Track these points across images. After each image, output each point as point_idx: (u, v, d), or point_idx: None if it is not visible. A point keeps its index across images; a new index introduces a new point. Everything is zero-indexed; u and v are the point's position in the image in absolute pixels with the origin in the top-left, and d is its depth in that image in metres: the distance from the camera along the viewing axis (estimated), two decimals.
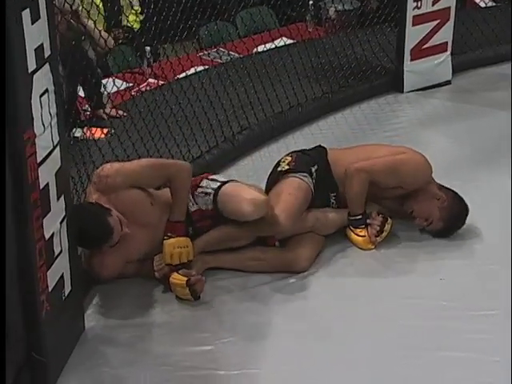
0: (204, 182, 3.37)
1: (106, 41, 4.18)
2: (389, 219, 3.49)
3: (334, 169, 3.54)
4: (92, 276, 3.19)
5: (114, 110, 4.30)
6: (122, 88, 4.20)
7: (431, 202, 3.49)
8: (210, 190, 3.33)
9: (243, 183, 3.42)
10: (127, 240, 3.15)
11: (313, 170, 3.49)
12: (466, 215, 3.54)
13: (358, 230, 3.48)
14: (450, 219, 3.50)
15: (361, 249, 3.48)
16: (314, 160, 3.53)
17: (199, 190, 3.35)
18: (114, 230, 3.05)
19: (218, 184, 3.34)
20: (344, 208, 3.52)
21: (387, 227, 3.48)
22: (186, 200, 3.29)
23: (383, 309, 3.14)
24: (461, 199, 3.54)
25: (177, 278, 3.18)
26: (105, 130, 4.01)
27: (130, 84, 4.42)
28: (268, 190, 3.48)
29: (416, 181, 3.52)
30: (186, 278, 3.16)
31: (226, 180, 3.39)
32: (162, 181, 3.29)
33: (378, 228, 3.46)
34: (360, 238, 3.48)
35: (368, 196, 3.48)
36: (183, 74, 4.48)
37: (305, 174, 3.45)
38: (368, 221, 3.47)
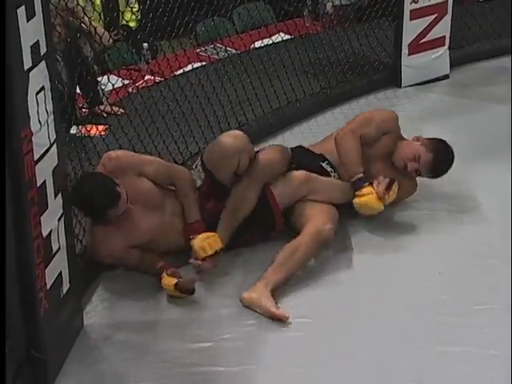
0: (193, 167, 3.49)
1: (100, 37, 4.17)
2: (395, 181, 3.48)
3: (316, 149, 3.69)
4: (92, 257, 3.20)
5: (111, 106, 4.29)
6: (120, 85, 4.19)
7: (411, 143, 3.64)
8: (196, 162, 3.45)
9: None
10: (130, 220, 3.18)
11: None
12: (451, 149, 3.63)
13: (364, 190, 3.43)
14: (436, 148, 3.59)
15: (371, 213, 3.45)
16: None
17: (192, 171, 3.44)
18: (120, 196, 3.08)
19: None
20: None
21: (394, 187, 3.46)
22: (194, 201, 3.34)
23: (382, 303, 3.14)
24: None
25: (166, 281, 3.17)
26: (102, 127, 3.99)
27: (128, 81, 4.42)
28: None
29: (392, 119, 3.74)
30: (174, 281, 3.15)
31: None
32: (166, 179, 3.35)
33: (386, 185, 3.44)
34: (367, 197, 3.42)
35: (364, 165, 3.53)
36: (180, 71, 4.48)
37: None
38: (374, 184, 3.45)
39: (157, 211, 3.29)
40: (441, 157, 3.60)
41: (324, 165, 3.62)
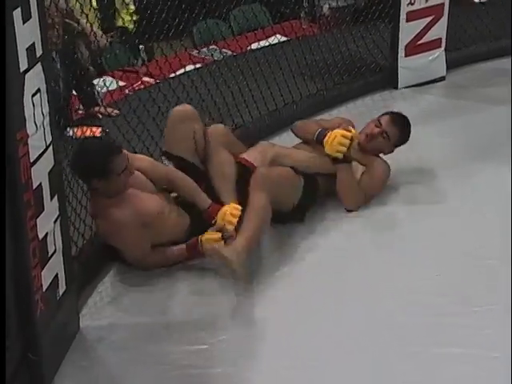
0: None
1: (98, 39, 4.17)
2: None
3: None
4: (106, 239, 3.25)
5: (107, 108, 4.29)
6: (116, 87, 4.19)
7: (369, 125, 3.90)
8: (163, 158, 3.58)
9: None
10: (135, 197, 3.22)
11: None
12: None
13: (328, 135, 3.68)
14: (394, 117, 3.93)
15: (340, 150, 3.67)
16: None
17: None
18: (122, 150, 3.16)
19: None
20: None
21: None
22: (197, 189, 3.40)
23: (380, 305, 3.14)
24: None
25: (210, 236, 3.28)
26: (97, 129, 3.99)
27: (124, 82, 4.42)
28: None
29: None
30: (220, 238, 3.27)
31: None
32: (163, 176, 3.41)
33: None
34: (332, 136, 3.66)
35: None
36: (177, 73, 4.47)
37: None
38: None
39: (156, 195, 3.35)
40: (400, 121, 3.93)
41: None
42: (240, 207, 3.38)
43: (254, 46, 4.95)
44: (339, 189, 3.71)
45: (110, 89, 4.17)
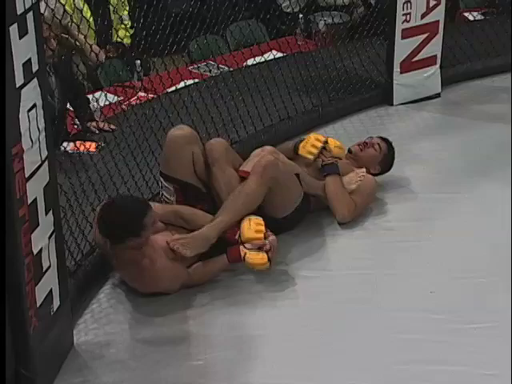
0: (159, 196, 3.56)
1: (97, 55, 4.17)
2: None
3: None
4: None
5: (103, 123, 4.29)
6: (112, 102, 4.19)
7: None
8: (160, 185, 3.55)
9: None
10: (158, 238, 3.19)
11: None
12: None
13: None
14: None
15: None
16: None
17: (161, 199, 3.52)
18: (148, 203, 3.13)
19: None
20: None
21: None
22: (207, 219, 3.35)
23: (372, 322, 3.13)
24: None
25: (255, 258, 3.25)
26: (93, 144, 3.99)
27: (120, 98, 4.42)
28: None
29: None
30: (265, 256, 3.23)
31: None
32: (172, 216, 3.38)
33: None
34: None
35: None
36: (173, 88, 4.48)
37: None
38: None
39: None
40: (388, 141, 4.05)
41: None
42: (259, 218, 3.34)
43: (250, 61, 4.96)
44: (330, 200, 3.71)
45: (105, 104, 4.17)
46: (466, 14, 6.16)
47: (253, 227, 3.30)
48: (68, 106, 4.28)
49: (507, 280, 3.28)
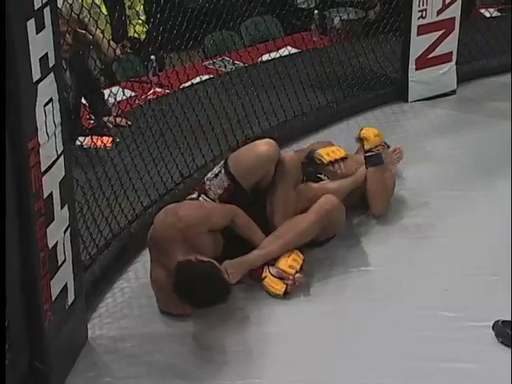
0: (207, 175, 3.44)
1: (114, 50, 4.18)
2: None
3: None
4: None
5: (118, 118, 4.30)
6: (128, 97, 4.20)
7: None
8: (218, 169, 3.40)
9: None
10: None
11: None
12: None
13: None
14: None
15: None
16: None
17: (207, 182, 3.39)
18: (230, 290, 3.04)
19: (223, 161, 3.42)
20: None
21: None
22: (257, 228, 3.33)
23: (387, 320, 3.13)
24: None
25: (273, 286, 3.25)
26: (108, 139, 4.00)
27: (135, 93, 4.43)
28: None
29: None
30: (283, 288, 3.23)
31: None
32: (227, 222, 3.28)
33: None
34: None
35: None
36: (188, 83, 4.48)
37: None
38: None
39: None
40: None
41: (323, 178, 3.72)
42: (301, 255, 3.33)
43: (265, 57, 4.95)
44: (371, 194, 3.71)
45: (120, 99, 4.18)
46: (482, 11, 6.13)
47: (289, 261, 3.29)
48: (83, 101, 4.30)
49: None
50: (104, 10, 4.88)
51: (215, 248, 3.24)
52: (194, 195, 3.42)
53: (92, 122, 4.35)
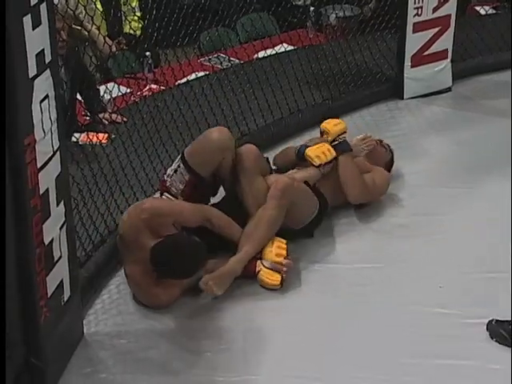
0: (167, 172, 3.50)
1: (110, 47, 4.17)
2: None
3: None
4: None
5: (114, 115, 4.30)
6: (123, 93, 4.20)
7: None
8: (176, 164, 3.48)
9: None
10: None
11: None
12: None
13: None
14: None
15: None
16: None
17: (168, 178, 3.47)
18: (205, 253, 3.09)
19: (180, 155, 3.48)
20: None
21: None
22: (235, 228, 3.35)
23: (381, 316, 3.13)
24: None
25: (269, 278, 3.27)
26: (104, 136, 3.99)
27: (131, 89, 4.42)
28: None
29: None
30: (279, 278, 3.25)
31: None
32: (200, 220, 3.30)
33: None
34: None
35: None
36: (184, 80, 4.48)
37: None
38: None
39: None
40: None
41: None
42: (283, 240, 3.36)
43: (261, 54, 4.95)
44: (343, 180, 3.71)
45: (116, 95, 4.17)
46: (477, 8, 6.14)
47: (274, 250, 3.32)
48: (78, 97, 4.29)
49: None
50: (99, 6, 4.88)
51: None
52: (157, 195, 3.48)
53: (87, 118, 4.35)
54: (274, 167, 3.84)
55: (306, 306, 3.21)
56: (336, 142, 3.77)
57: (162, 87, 4.53)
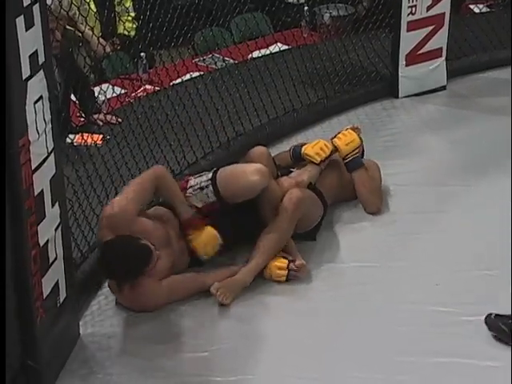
0: (192, 182, 3.42)
1: (104, 47, 4.16)
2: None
3: None
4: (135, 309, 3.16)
5: (108, 116, 4.29)
6: (118, 94, 4.19)
7: None
8: (204, 183, 3.37)
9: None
10: (157, 263, 3.13)
11: None
12: None
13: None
14: None
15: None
16: None
17: (190, 189, 3.38)
18: (151, 249, 3.05)
19: (210, 174, 3.38)
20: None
21: None
22: (181, 195, 3.31)
23: (379, 315, 3.14)
24: None
25: (277, 271, 3.29)
26: (98, 137, 3.99)
27: (126, 90, 4.42)
28: None
29: None
30: (285, 273, 3.28)
31: (214, 169, 3.44)
32: (153, 191, 3.28)
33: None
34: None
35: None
36: (178, 80, 4.48)
37: None
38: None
39: (168, 246, 3.25)
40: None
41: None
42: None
43: (255, 54, 4.95)
44: (362, 198, 3.77)
45: (110, 96, 4.17)
46: (471, 6, 6.14)
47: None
48: (73, 98, 4.29)
49: None
50: (93, 6, 4.87)
51: (165, 232, 3.23)
52: None
53: (82, 119, 4.34)
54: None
55: (302, 306, 3.21)
56: (347, 160, 3.78)
57: (156, 88, 4.52)
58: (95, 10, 4.94)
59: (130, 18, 5.16)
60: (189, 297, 3.21)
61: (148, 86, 4.70)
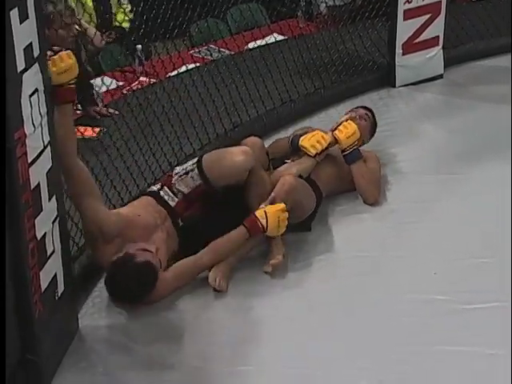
0: (177, 169, 3.42)
1: (101, 40, 4.15)
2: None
3: None
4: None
5: (105, 108, 4.28)
6: (114, 87, 4.19)
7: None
8: (190, 167, 3.38)
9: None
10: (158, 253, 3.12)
11: None
12: None
13: None
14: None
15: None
16: None
17: (176, 176, 3.37)
18: (155, 267, 3.03)
19: (196, 159, 3.40)
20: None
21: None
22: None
23: (377, 305, 3.13)
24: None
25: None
26: (96, 129, 3.98)
27: (122, 83, 4.41)
28: None
29: None
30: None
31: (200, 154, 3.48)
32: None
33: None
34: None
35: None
36: (174, 72, 4.47)
37: None
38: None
39: (158, 230, 3.25)
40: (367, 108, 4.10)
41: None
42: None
43: (251, 45, 4.94)
44: (360, 189, 3.77)
45: (107, 89, 4.16)
46: None
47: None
48: None
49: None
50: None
51: (152, 219, 3.22)
52: (156, 187, 3.39)
53: (78, 112, 4.33)
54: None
55: (299, 297, 3.20)
56: (347, 152, 3.77)
57: (152, 80, 4.51)
58: (90, 3, 4.93)
59: (126, 10, 5.14)
60: (192, 280, 3.20)
61: (144, 79, 4.69)
